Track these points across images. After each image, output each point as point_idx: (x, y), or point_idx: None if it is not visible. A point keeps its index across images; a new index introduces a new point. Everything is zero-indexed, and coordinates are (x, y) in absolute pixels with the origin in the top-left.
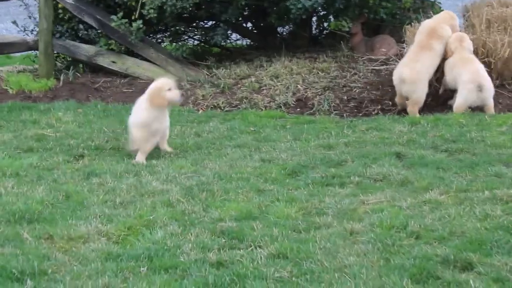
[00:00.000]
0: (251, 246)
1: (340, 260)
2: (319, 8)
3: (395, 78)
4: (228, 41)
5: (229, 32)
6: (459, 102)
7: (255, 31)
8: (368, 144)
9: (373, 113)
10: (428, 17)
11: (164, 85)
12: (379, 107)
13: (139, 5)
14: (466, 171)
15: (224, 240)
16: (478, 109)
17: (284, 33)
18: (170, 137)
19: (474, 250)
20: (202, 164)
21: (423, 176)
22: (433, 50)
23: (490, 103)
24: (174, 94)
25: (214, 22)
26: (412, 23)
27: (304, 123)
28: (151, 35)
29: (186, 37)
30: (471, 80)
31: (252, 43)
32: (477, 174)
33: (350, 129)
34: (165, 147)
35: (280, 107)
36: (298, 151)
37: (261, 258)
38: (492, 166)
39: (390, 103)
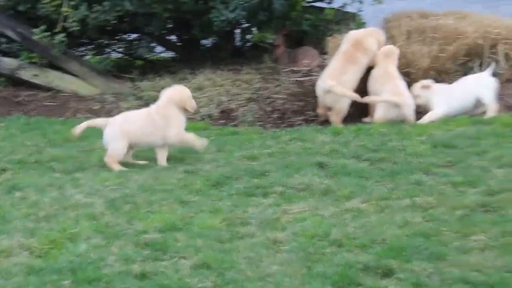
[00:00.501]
0: (175, 257)
1: (263, 269)
2: (243, 20)
3: (319, 89)
4: (152, 53)
5: (152, 44)
6: (378, 115)
7: (179, 44)
8: (291, 155)
9: (296, 123)
10: (350, 29)
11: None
12: (302, 117)
13: (62, 18)
14: (387, 180)
15: (148, 251)
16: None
17: (208, 45)
18: (92, 151)
19: (394, 257)
20: (127, 176)
21: (345, 185)
22: (358, 63)
23: (409, 117)
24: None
25: (138, 35)
26: (334, 35)
27: (228, 134)
28: (74, 48)
29: (110, 50)
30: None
31: (176, 55)
32: (397, 182)
33: (273, 140)
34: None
35: (204, 119)
36: (222, 162)
37: (184, 269)
38: (412, 174)
39: (313, 113)
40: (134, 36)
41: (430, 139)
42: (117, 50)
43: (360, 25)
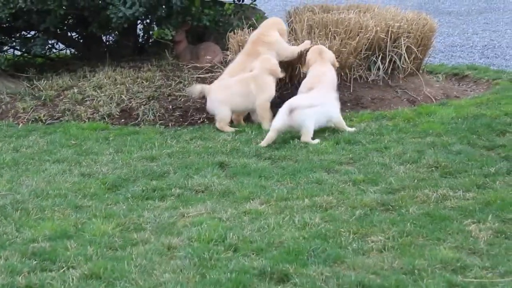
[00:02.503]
0: (63, 267)
1: (156, 277)
2: (142, 16)
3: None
4: (52, 51)
5: (50, 41)
6: None
7: (79, 40)
8: (191, 154)
9: (199, 121)
10: (251, 23)
11: None
12: (205, 115)
13: None
14: (287, 179)
15: (35, 262)
16: None
17: (109, 42)
18: None
19: (291, 261)
20: (18, 181)
21: (244, 186)
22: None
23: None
24: None
25: (35, 32)
26: (235, 30)
27: (128, 134)
28: None
29: (7, 47)
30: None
31: (76, 52)
32: (298, 182)
33: (174, 139)
34: None
35: (104, 118)
36: (120, 163)
37: (73, 279)
38: (313, 173)
39: None
40: (32, 33)
41: (333, 135)
42: (14, 48)
43: (261, 19)
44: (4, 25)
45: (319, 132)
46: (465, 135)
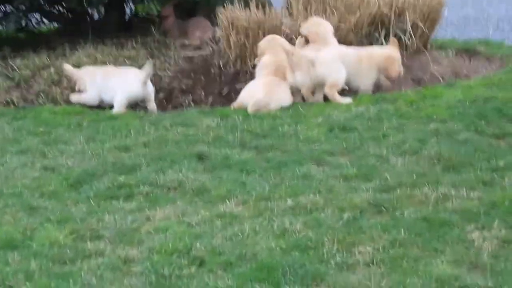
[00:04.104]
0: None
1: None
2: None
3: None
4: (33, 25)
5: (28, 16)
6: None
7: (64, 15)
8: (169, 144)
9: (184, 104)
10: None
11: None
12: (191, 97)
13: None
14: (271, 173)
15: None
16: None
17: (93, 18)
18: None
19: (262, 279)
20: None
21: (223, 182)
22: None
23: None
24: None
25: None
26: (225, 5)
27: (103, 120)
28: None
29: None
30: None
31: (61, 27)
32: (283, 176)
33: (152, 126)
34: None
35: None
36: (89, 155)
37: None
38: (300, 166)
39: (203, 93)
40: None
41: (327, 121)
42: None
43: None
44: None
45: (313, 117)
46: (472, 121)
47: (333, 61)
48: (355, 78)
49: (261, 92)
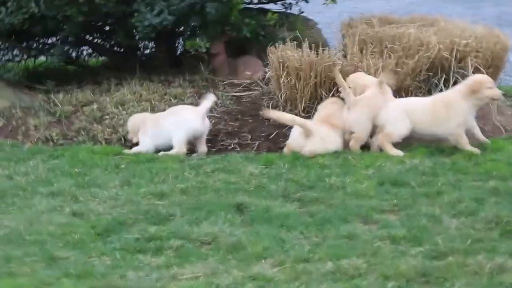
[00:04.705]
0: None
1: None
2: (170, 25)
3: None
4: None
5: (76, 48)
6: None
7: (114, 49)
8: (208, 192)
9: (229, 148)
10: (295, 35)
11: (486, 81)
12: (236, 141)
13: None
14: (313, 231)
15: None
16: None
17: (142, 53)
18: None
19: None
20: None
21: (260, 238)
22: None
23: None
24: (495, 92)
25: (56, 39)
26: (277, 44)
27: (143, 161)
28: None
29: (22, 55)
30: None
31: (109, 61)
32: (325, 235)
33: (193, 171)
34: None
35: (121, 140)
36: (122, 200)
37: None
38: (346, 224)
39: (250, 136)
40: (52, 40)
41: (378, 173)
42: (31, 55)
43: (305, 29)
44: (19, 32)
45: (363, 169)
46: None
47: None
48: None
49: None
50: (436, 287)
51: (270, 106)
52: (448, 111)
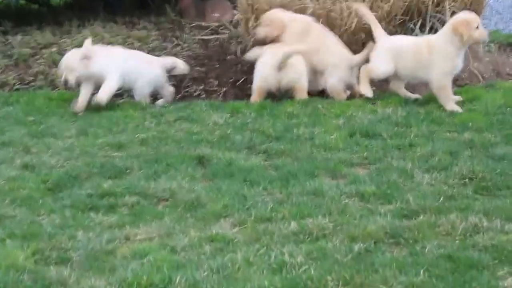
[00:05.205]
0: None
1: None
2: None
3: None
4: None
5: None
6: None
7: None
8: (169, 143)
9: (195, 94)
10: None
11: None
12: (202, 87)
13: None
14: (278, 186)
15: None
16: None
17: None
18: None
19: None
20: None
21: (221, 194)
22: None
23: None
24: (483, 33)
25: None
26: None
27: (102, 109)
28: None
29: None
30: None
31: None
32: (290, 191)
33: (154, 119)
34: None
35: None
36: (77, 152)
37: None
38: (312, 178)
39: (216, 82)
40: None
41: (348, 123)
42: None
43: None
44: None
45: (333, 118)
46: None
47: None
48: None
49: None
50: (406, 250)
51: (238, 50)
52: (431, 55)
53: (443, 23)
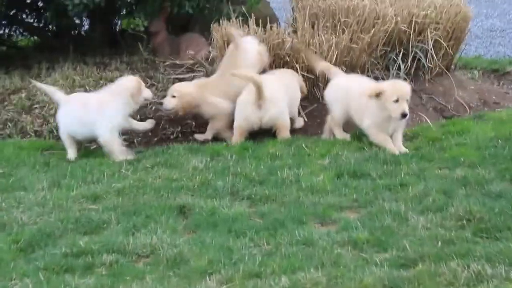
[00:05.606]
0: None
1: None
2: (103, 2)
3: None
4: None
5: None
6: None
7: (46, 28)
8: (147, 191)
9: (172, 137)
10: (241, 11)
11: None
12: (179, 128)
13: None
14: (265, 236)
15: None
16: None
17: (75, 33)
18: None
19: None
20: None
21: (205, 248)
22: None
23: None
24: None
25: None
26: (220, 21)
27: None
28: None
29: None
30: None
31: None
32: (279, 242)
33: (131, 166)
34: None
35: (53, 132)
36: (50, 206)
37: None
38: (301, 226)
39: (194, 123)
40: None
41: (335, 163)
42: None
43: (256, 4)
44: None
45: (318, 159)
46: (507, 167)
47: None
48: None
49: None
50: None
51: None
52: None
53: (425, 52)
